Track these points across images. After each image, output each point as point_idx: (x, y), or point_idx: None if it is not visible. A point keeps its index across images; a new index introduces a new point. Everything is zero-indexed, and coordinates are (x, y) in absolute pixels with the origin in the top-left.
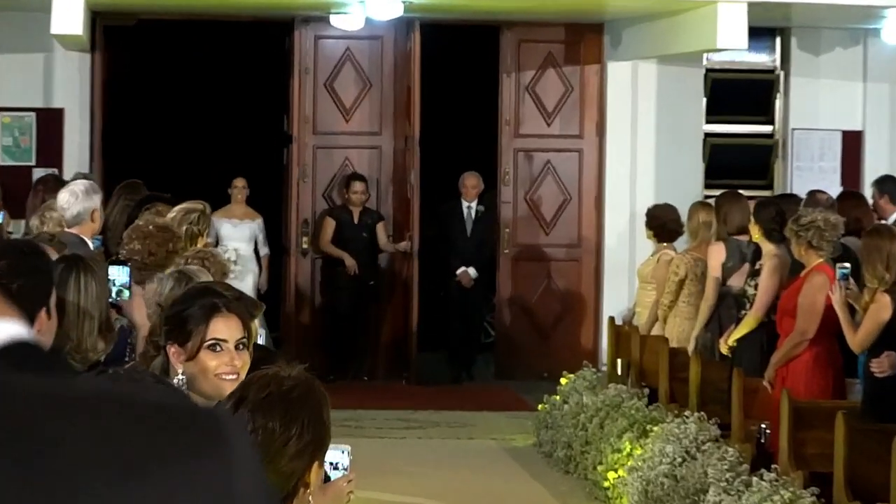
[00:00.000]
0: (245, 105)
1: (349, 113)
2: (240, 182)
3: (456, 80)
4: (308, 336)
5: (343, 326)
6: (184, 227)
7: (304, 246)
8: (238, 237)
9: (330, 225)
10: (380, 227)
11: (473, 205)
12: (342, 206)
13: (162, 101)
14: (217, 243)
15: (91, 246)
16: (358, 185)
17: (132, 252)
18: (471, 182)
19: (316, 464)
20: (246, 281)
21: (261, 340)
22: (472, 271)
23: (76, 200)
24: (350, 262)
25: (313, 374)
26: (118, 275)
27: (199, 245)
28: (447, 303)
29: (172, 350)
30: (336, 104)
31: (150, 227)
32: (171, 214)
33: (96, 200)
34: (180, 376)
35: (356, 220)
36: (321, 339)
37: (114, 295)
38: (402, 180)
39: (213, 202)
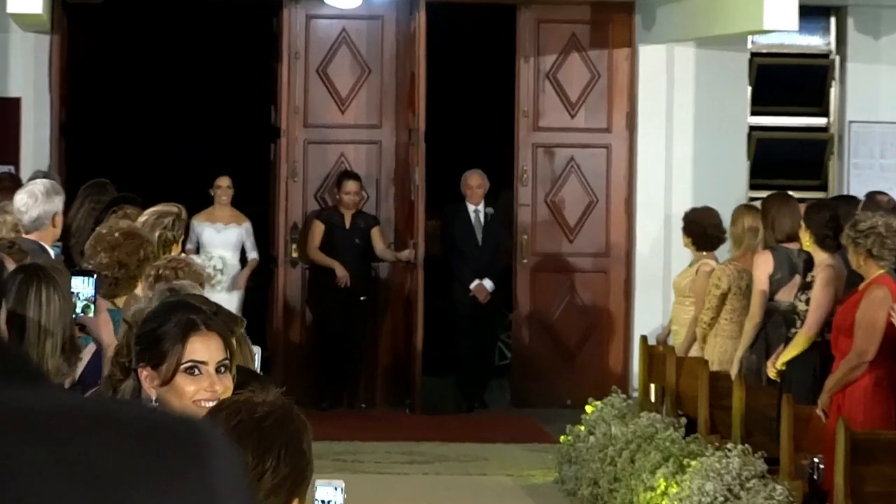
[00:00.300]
0: (227, 94)
1: (345, 103)
2: (223, 181)
3: (466, 65)
4: (298, 357)
5: (336, 346)
6: (156, 233)
7: (294, 254)
8: (222, 244)
9: (318, 229)
10: (375, 233)
11: (481, 208)
12: (333, 209)
13: (133, 89)
14: (198, 250)
15: (52, 254)
16: (350, 185)
17: (99, 266)
18: (475, 181)
19: (296, 501)
20: (232, 293)
21: (256, 362)
22: (488, 284)
23: (35, 203)
24: (341, 272)
25: (291, 399)
26: (83, 287)
27: (174, 253)
28: (456, 320)
29: (144, 373)
30: (330, 93)
31: (116, 234)
32: (141, 218)
33: (58, 203)
34: (153, 403)
35: (348, 225)
36: (313, 361)
37: (78, 310)
38: (404, 180)
39: (191, 204)
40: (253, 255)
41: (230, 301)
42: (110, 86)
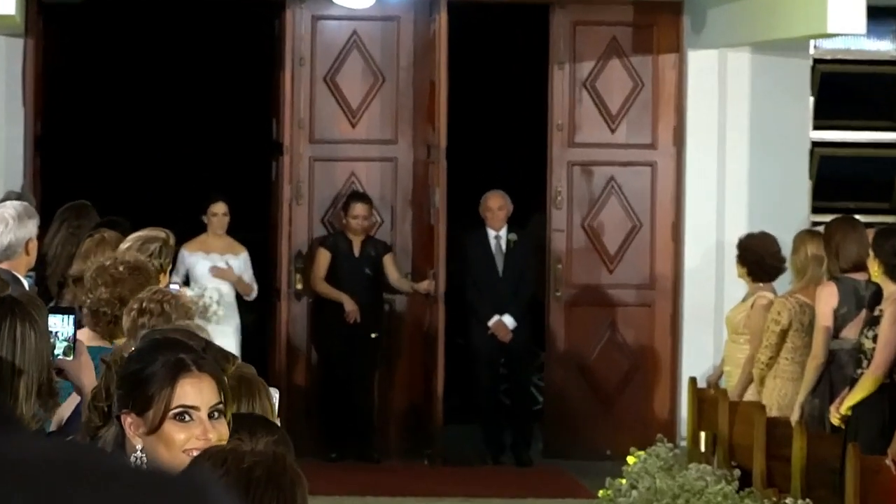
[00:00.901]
0: (223, 106)
1: (356, 115)
2: (219, 208)
3: (493, 73)
4: (302, 401)
5: (345, 390)
6: None
7: (298, 286)
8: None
9: (324, 258)
10: (388, 261)
11: (503, 233)
12: (340, 234)
13: (117, 100)
14: (187, 283)
15: (25, 284)
16: (359, 208)
17: (98, 301)
18: (494, 202)
19: None
20: (226, 333)
21: (276, 409)
22: (508, 321)
23: (6, 228)
24: (350, 305)
25: (285, 449)
26: (62, 326)
27: (162, 283)
28: (474, 362)
29: (129, 420)
30: (339, 104)
31: (121, 267)
32: (124, 245)
33: (31, 228)
34: (138, 453)
35: (357, 252)
36: (319, 406)
37: (58, 352)
38: (423, 202)
39: (181, 230)
40: (254, 286)
41: (228, 338)
42: (92, 96)
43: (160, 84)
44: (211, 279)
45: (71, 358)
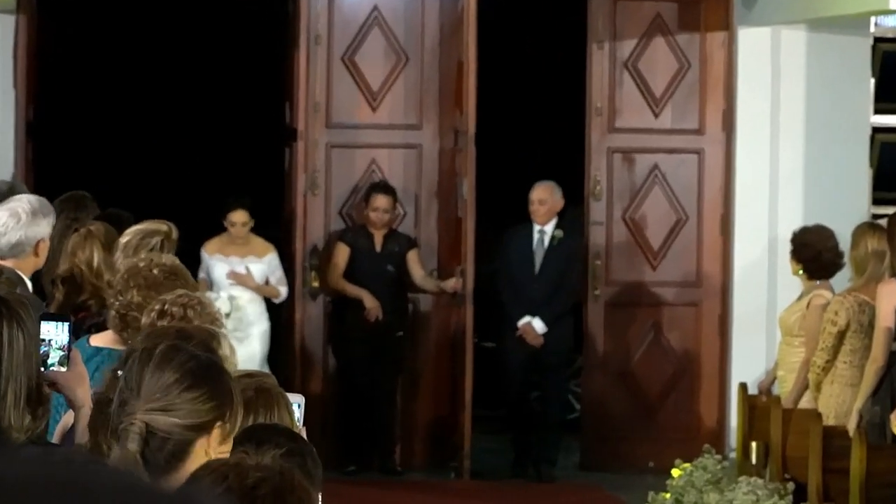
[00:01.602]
0: (233, 88)
1: (376, 98)
2: (238, 217)
3: (526, 53)
4: (319, 409)
5: (366, 396)
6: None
7: (314, 284)
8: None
9: (343, 253)
10: (412, 257)
11: (548, 229)
12: (360, 228)
13: (117, 83)
14: (210, 286)
15: (29, 287)
16: (380, 200)
17: (126, 305)
18: (538, 195)
19: None
20: (252, 342)
21: (298, 417)
22: (538, 324)
23: (17, 224)
24: (371, 302)
25: (296, 463)
26: (56, 334)
27: None
28: (503, 365)
29: (217, 433)
30: (358, 86)
31: (155, 270)
32: (124, 239)
33: (44, 227)
34: None
35: (378, 248)
36: (337, 414)
37: (52, 362)
38: (450, 193)
39: (188, 226)
40: (282, 289)
41: (253, 345)
42: (89, 78)
43: (164, 65)
44: (226, 285)
45: (65, 369)
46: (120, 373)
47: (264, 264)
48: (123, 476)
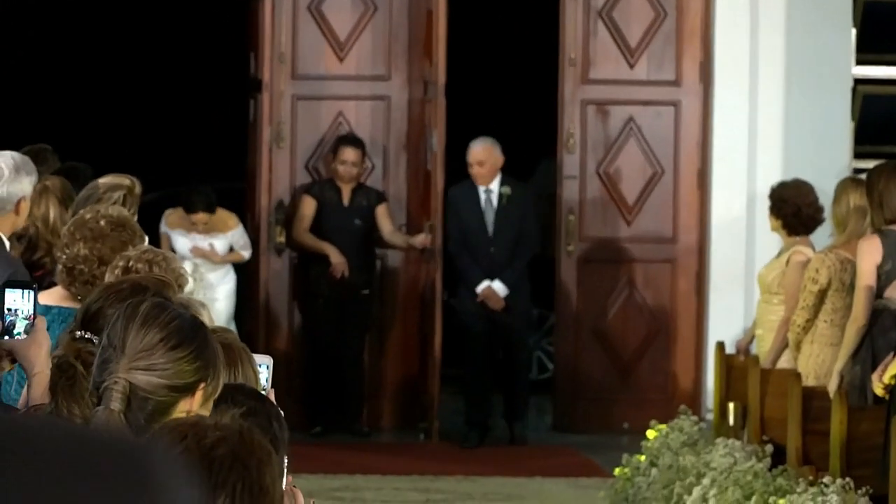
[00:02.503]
0: (195, 38)
1: (343, 48)
2: (201, 218)
3: (498, 1)
4: (283, 368)
5: (332, 355)
6: None
7: (279, 239)
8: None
9: (309, 207)
10: (381, 212)
11: (494, 187)
12: (327, 182)
13: (76, 33)
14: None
15: (7, 246)
16: (348, 152)
17: (74, 258)
18: (476, 157)
19: None
20: (218, 300)
21: (262, 377)
22: (498, 287)
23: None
24: (337, 258)
25: (253, 424)
26: (21, 303)
27: None
28: (462, 331)
29: (200, 394)
30: (325, 35)
31: (102, 222)
32: (85, 193)
33: (26, 185)
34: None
35: (346, 202)
36: (302, 373)
37: (19, 331)
38: (419, 146)
39: (148, 177)
40: (245, 253)
41: (219, 303)
42: (47, 27)
43: (126, 15)
44: (189, 258)
45: (23, 337)
46: (78, 334)
47: (228, 238)
48: (75, 429)
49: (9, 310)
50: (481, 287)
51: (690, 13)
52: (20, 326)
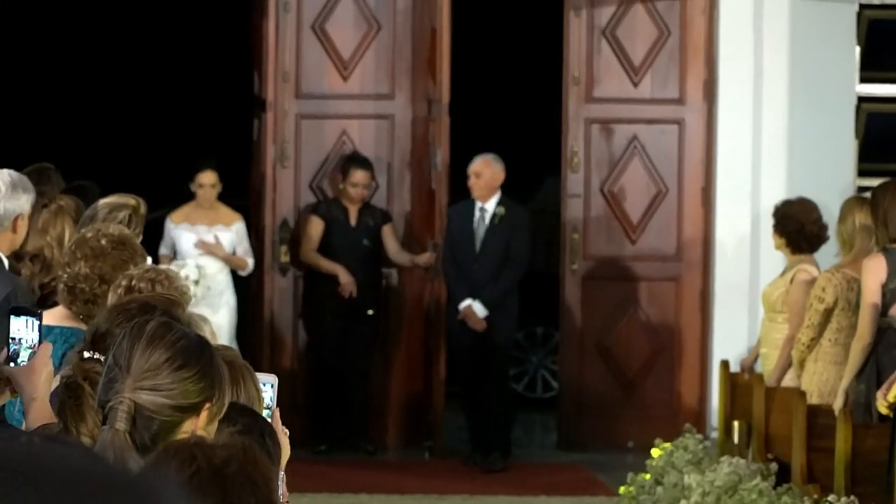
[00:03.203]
0: (200, 57)
1: (347, 67)
2: (207, 178)
3: (501, 19)
4: (288, 386)
5: (337, 373)
6: None
7: (283, 258)
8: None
9: (316, 227)
10: (387, 232)
11: (489, 206)
12: (334, 201)
13: (81, 50)
14: (174, 258)
15: (6, 265)
16: (359, 175)
17: (75, 277)
18: (474, 168)
19: None
20: (219, 313)
21: (267, 396)
22: (478, 308)
23: None
24: (346, 277)
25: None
26: (26, 332)
27: None
28: (452, 348)
29: (206, 414)
30: (328, 54)
31: (103, 240)
32: (89, 212)
33: (24, 202)
34: None
35: (353, 222)
36: (308, 391)
37: (23, 360)
38: (423, 164)
39: (152, 196)
40: (249, 261)
41: (219, 319)
42: (51, 46)
43: (129, 33)
44: (193, 254)
45: (25, 363)
46: (86, 354)
47: (232, 233)
48: (81, 461)
49: (13, 339)
50: (463, 305)
51: (694, 31)
52: (24, 355)
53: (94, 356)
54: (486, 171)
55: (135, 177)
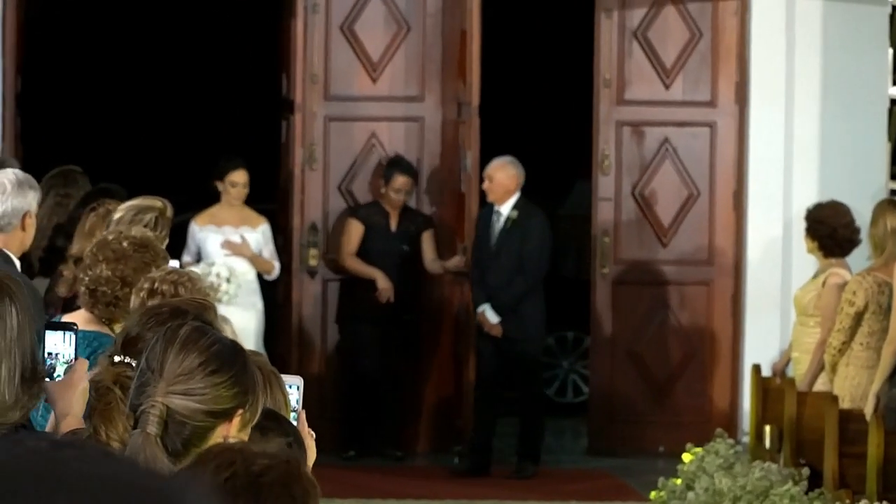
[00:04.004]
0: (227, 59)
1: (377, 69)
2: (239, 177)
3: (531, 21)
4: (317, 391)
5: (367, 379)
6: None
7: (312, 262)
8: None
9: (356, 231)
10: (426, 238)
11: (504, 210)
12: (374, 205)
13: (108, 54)
14: (199, 260)
15: (17, 265)
16: (400, 180)
17: (97, 279)
18: (487, 172)
19: None
20: (247, 315)
21: (292, 398)
22: (490, 314)
23: (2, 195)
24: (384, 283)
25: (296, 454)
26: (62, 346)
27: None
28: (478, 355)
29: (238, 420)
30: (357, 56)
31: (125, 243)
32: (116, 215)
33: (31, 200)
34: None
35: (394, 227)
36: (337, 397)
37: (59, 374)
38: (452, 166)
39: (182, 201)
40: (276, 264)
41: (247, 321)
42: (79, 49)
43: (157, 36)
44: (220, 256)
45: (61, 377)
46: (117, 358)
47: (259, 234)
48: (108, 466)
49: (49, 353)
50: (479, 311)
51: (726, 33)
52: (60, 370)
53: (125, 360)
54: (498, 175)
55: (162, 179)
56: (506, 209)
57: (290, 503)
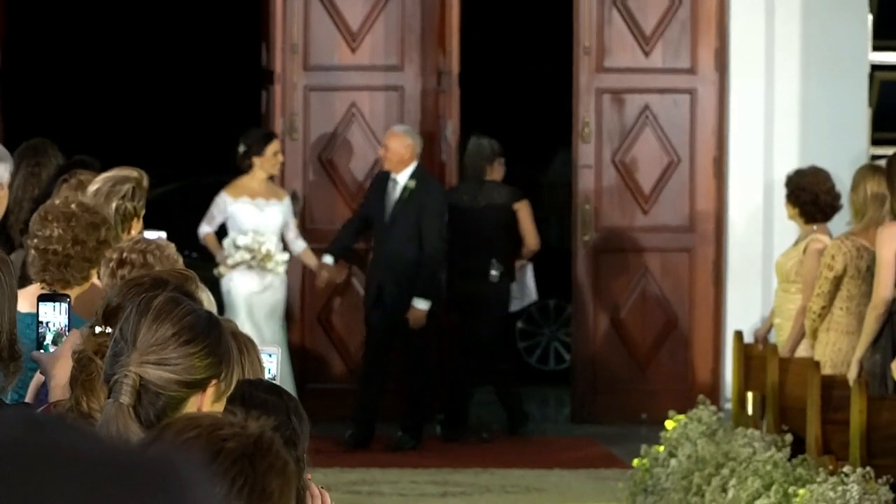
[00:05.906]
0: (206, 29)
1: (356, 38)
2: (278, 145)
3: None
4: (297, 359)
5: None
6: (112, 205)
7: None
8: (269, 226)
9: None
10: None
11: (401, 179)
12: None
13: (87, 26)
14: (222, 232)
15: None
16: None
17: (48, 240)
18: (384, 140)
19: None
20: (275, 292)
21: (272, 367)
22: (421, 304)
23: None
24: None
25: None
26: (53, 316)
27: (135, 231)
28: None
29: (212, 391)
30: (337, 26)
31: (73, 205)
32: (93, 187)
33: (2, 171)
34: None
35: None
36: (317, 366)
37: (47, 342)
38: (434, 136)
39: (157, 169)
40: (300, 243)
41: (277, 292)
42: (57, 21)
43: (135, 6)
44: (258, 229)
45: (51, 351)
46: (98, 329)
47: (284, 206)
48: (96, 443)
49: (41, 322)
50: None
51: (706, 0)
52: (50, 339)
53: (106, 331)
54: (392, 143)
55: (141, 152)
56: (402, 178)
57: (249, 471)
